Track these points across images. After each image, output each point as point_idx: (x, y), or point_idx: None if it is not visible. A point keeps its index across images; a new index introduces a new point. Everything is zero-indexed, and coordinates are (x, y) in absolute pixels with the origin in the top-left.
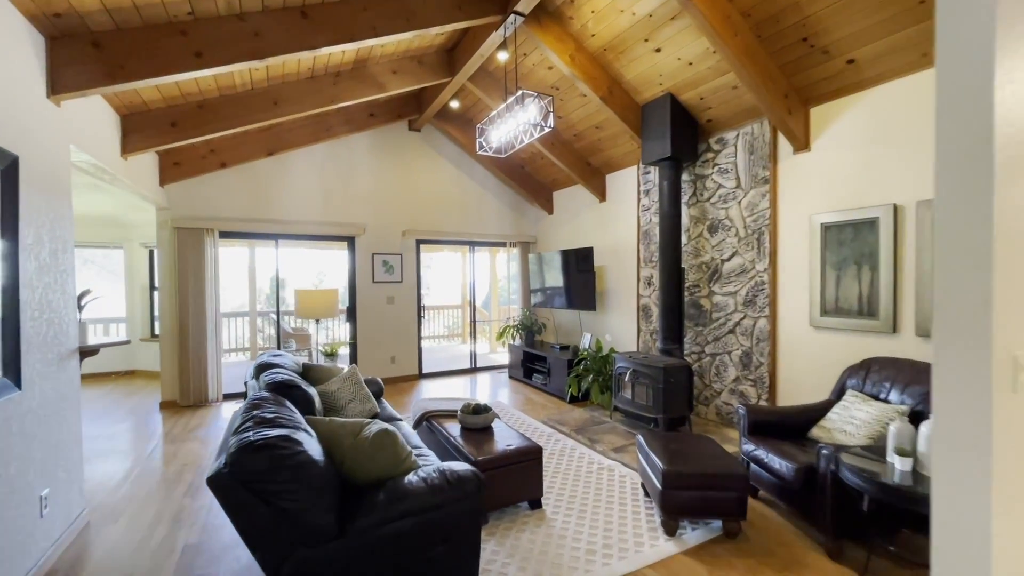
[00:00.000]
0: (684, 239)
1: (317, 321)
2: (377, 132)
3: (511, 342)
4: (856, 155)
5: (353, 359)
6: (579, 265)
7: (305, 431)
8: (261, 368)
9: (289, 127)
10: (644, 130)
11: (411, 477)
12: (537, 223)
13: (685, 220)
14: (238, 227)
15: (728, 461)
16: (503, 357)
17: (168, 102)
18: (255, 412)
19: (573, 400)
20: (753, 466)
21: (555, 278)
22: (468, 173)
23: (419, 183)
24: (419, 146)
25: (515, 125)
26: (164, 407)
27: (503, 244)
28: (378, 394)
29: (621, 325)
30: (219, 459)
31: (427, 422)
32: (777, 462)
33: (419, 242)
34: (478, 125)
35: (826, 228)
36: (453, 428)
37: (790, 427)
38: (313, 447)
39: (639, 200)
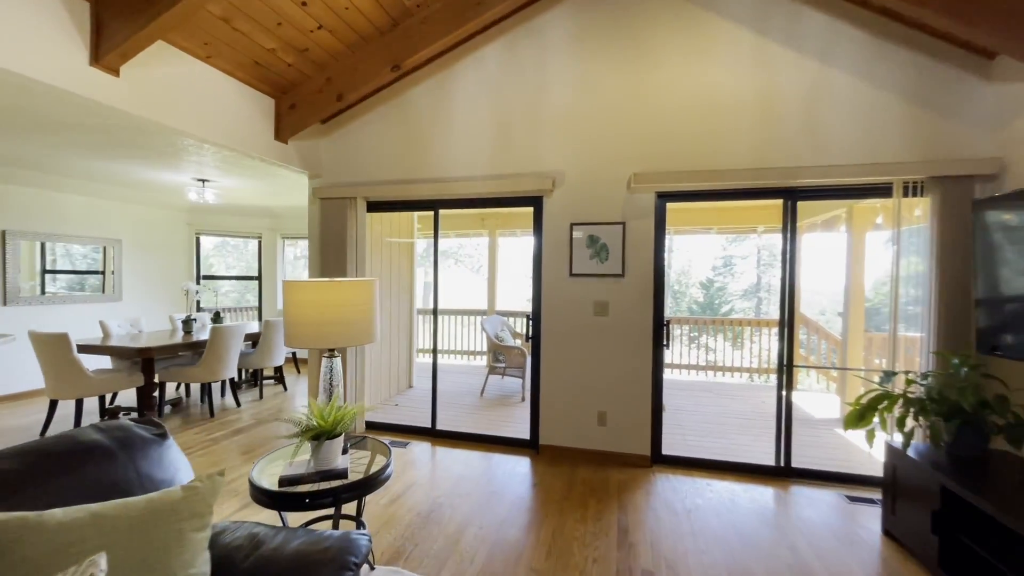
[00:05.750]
0: None
1: (333, 352)
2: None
3: (890, 438)
4: None
5: (534, 410)
6: None
7: None
8: None
9: (421, 16)
10: None
11: None
12: (998, 121)
13: None
14: (387, 193)
15: None
16: (874, 451)
17: None
18: None
19: None
20: None
21: None
22: (782, 38)
23: (664, 82)
24: (664, 8)
25: None
26: None
27: (883, 189)
28: None
29: None
30: None
31: None
32: None
33: (661, 197)
34: None
35: None
36: None
37: None
38: None
39: None
